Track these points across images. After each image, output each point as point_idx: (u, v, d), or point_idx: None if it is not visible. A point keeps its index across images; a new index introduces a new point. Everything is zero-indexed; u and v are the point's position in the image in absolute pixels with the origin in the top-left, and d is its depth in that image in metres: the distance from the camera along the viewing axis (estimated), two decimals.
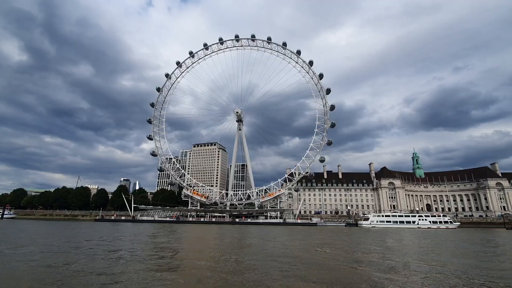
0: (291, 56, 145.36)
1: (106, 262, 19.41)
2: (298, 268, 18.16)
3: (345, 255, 26.00)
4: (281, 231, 66.34)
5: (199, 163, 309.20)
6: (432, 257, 25.75)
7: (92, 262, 19.33)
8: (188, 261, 21.41)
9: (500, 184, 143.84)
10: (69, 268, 16.99)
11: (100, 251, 25.16)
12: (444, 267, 19.63)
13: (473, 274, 17.35)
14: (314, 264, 19.86)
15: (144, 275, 15.54)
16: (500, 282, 15.26)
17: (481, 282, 15.17)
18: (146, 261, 20.33)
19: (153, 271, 16.62)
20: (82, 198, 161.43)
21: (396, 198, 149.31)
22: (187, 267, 18.81)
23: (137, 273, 15.98)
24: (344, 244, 36.69)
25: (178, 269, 17.77)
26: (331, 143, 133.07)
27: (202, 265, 19.32)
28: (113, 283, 13.55)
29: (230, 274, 16.09)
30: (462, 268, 19.62)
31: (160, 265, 18.66)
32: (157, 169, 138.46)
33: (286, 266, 18.77)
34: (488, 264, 21.73)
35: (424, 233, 66.59)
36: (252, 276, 15.62)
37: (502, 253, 30.41)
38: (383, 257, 24.18)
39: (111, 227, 66.39)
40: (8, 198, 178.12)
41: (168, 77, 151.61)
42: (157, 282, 13.91)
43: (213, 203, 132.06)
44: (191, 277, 15.45)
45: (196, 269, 18.03)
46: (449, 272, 17.73)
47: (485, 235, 59.82)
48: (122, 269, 16.85)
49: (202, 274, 16.31)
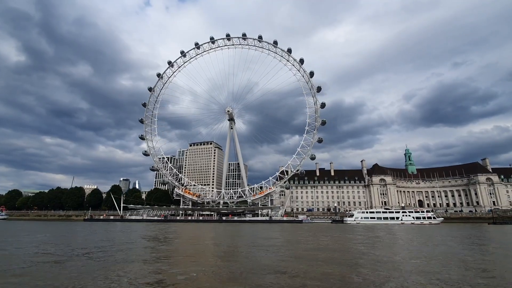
0: (282, 54, 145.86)
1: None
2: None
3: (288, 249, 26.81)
4: (262, 228, 67.43)
5: (196, 162, 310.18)
6: (388, 250, 26.55)
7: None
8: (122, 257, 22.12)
9: (490, 179, 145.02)
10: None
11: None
12: (396, 258, 20.43)
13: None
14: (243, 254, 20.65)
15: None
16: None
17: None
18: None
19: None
20: (76, 198, 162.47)
21: (387, 195, 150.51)
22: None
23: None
24: (308, 239, 37.48)
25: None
26: (321, 140, 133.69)
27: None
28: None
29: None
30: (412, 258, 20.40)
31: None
32: (150, 169, 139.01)
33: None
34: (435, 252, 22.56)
35: (405, 228, 67.80)
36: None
37: (457, 245, 31.26)
38: (317, 248, 24.96)
39: (87, 227, 67.15)
40: (3, 199, 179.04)
41: (160, 76, 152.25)
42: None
43: (205, 201, 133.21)
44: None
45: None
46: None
47: (461, 231, 60.87)
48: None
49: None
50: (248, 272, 14.98)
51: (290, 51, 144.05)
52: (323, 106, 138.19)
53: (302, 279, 13.05)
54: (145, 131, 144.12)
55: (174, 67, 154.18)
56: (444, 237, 43.18)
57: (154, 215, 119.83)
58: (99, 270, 15.07)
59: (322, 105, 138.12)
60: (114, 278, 13.13)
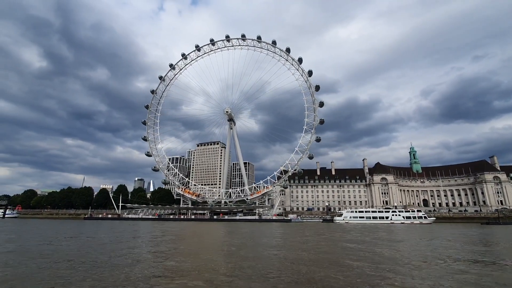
0: (281, 54, 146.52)
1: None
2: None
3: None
4: (246, 226, 68.82)
5: (203, 162, 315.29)
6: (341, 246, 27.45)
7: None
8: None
9: (498, 178, 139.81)
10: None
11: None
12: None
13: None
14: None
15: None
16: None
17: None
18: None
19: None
20: (85, 197, 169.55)
21: (389, 194, 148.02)
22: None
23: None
24: (274, 237, 38.51)
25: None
26: (319, 139, 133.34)
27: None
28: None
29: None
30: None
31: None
32: (152, 169, 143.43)
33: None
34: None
35: (387, 227, 67.45)
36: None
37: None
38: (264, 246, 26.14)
39: (79, 224, 70.95)
40: (19, 198, 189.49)
41: (161, 79, 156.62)
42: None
43: (204, 201, 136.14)
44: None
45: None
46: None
47: (447, 231, 60.13)
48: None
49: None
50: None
51: (289, 51, 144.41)
52: (321, 105, 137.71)
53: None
54: (147, 133, 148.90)
55: (175, 69, 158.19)
56: (410, 235, 43.24)
57: (149, 214, 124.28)
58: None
59: (321, 104, 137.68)
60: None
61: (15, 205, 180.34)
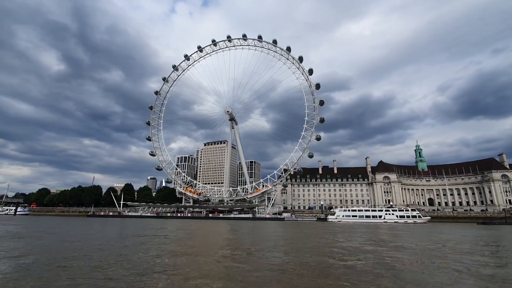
0: (281, 53, 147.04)
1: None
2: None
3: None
4: (236, 224, 70.37)
5: (210, 160, 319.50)
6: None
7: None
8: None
9: (506, 176, 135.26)
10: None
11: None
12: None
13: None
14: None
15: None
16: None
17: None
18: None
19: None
20: (94, 196, 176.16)
21: (392, 193, 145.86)
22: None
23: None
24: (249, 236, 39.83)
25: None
26: (319, 138, 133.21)
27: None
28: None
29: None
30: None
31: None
32: (155, 168, 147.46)
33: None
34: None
35: (377, 226, 67.26)
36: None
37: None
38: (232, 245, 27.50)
39: (65, 221, 74.44)
40: (33, 196, 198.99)
41: (165, 80, 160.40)
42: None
43: (206, 199, 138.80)
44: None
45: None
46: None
47: (437, 230, 59.66)
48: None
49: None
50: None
51: (289, 50, 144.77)
52: (322, 103, 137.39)
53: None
54: (151, 133, 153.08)
55: (178, 70, 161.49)
56: (395, 233, 43.48)
57: (149, 212, 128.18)
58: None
59: (321, 102, 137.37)
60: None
61: (30, 203, 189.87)
